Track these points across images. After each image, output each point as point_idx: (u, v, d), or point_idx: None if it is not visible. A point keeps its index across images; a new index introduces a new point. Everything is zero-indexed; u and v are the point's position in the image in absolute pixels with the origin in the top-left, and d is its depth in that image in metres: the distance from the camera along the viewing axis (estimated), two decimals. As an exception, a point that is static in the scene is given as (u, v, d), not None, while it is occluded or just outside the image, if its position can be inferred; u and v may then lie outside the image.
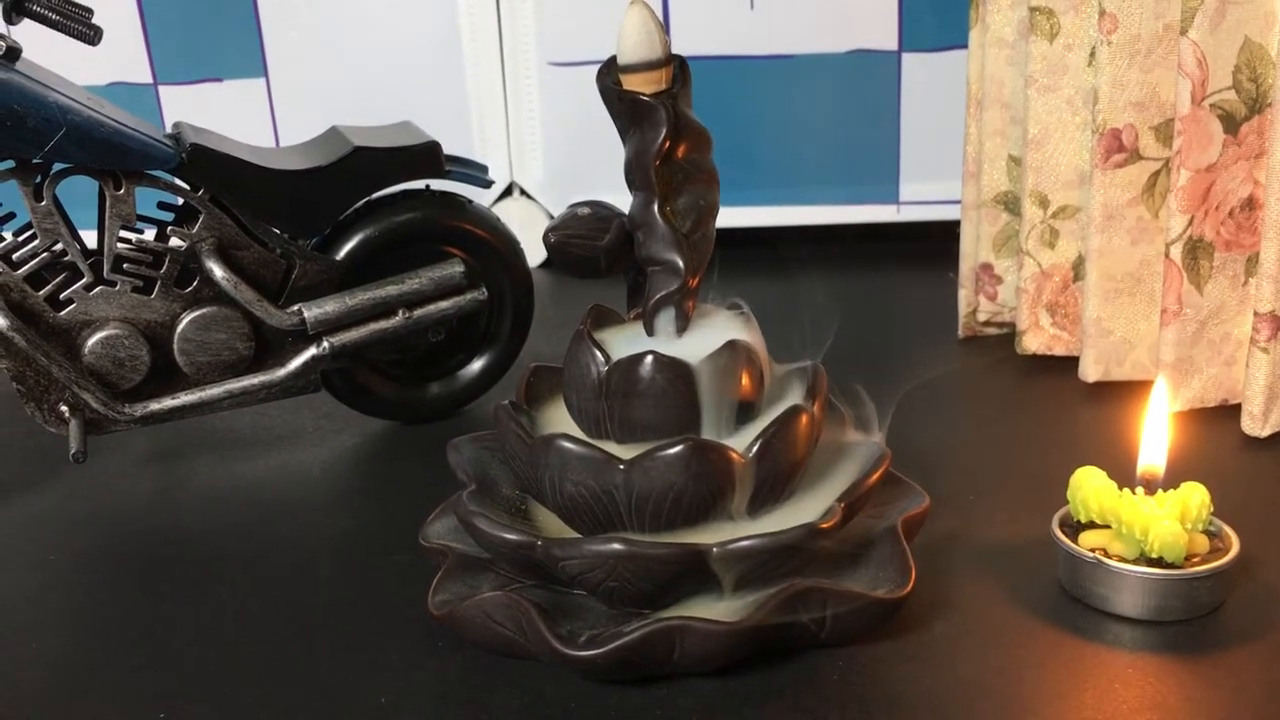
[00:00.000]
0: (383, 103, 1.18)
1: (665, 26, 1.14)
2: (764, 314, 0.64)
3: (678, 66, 0.61)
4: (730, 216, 1.18)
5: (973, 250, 0.94)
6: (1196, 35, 0.73)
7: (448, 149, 0.82)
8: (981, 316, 0.96)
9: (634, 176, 0.61)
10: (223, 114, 1.19)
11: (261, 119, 1.20)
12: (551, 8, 1.14)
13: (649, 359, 0.57)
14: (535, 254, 1.20)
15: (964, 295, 0.96)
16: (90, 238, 0.75)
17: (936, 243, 1.11)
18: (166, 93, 1.19)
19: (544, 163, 1.20)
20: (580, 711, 0.55)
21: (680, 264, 0.60)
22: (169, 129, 1.16)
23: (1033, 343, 0.90)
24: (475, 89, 1.17)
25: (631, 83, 0.60)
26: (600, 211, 0.63)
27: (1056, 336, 0.90)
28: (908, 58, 1.13)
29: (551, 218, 1.19)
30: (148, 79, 1.18)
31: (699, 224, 0.61)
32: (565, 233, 0.62)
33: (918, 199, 1.17)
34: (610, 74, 0.61)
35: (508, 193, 1.21)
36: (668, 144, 0.60)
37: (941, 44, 1.11)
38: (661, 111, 0.59)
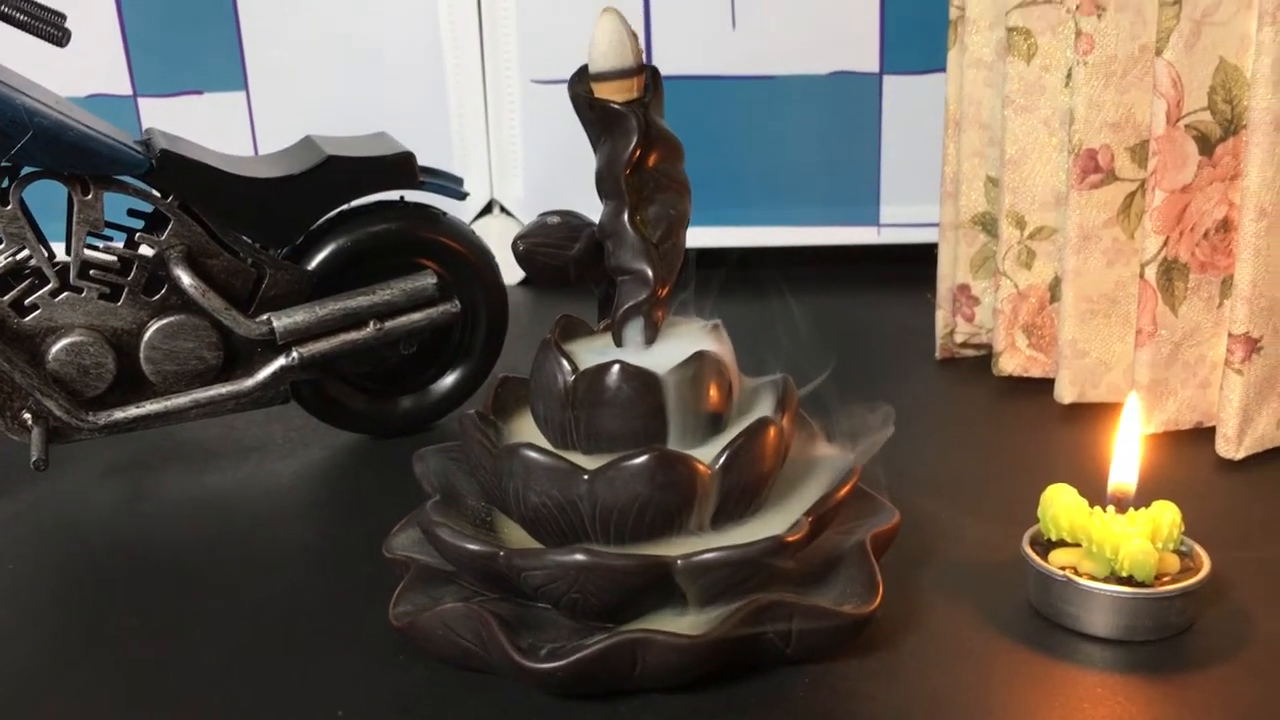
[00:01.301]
0: (364, 119, 1.17)
1: (647, 46, 1.15)
2: (744, 334, 0.64)
3: (650, 75, 0.60)
4: (711, 236, 1.18)
5: (950, 271, 0.94)
6: (1172, 56, 0.73)
7: (429, 164, 0.81)
8: (959, 338, 0.95)
9: (604, 185, 0.60)
10: (203, 126, 1.18)
11: (241, 132, 1.19)
12: (533, 27, 1.14)
13: (616, 368, 0.57)
14: (514, 269, 1.19)
15: (941, 316, 0.95)
16: (60, 239, 0.74)
17: (916, 265, 1.10)
18: (146, 105, 1.18)
19: (524, 180, 1.19)
20: (540, 726, 0.54)
21: (649, 273, 0.60)
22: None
23: (1009, 364, 0.90)
24: (457, 106, 1.17)
25: (603, 91, 0.59)
26: (570, 221, 0.63)
27: (1033, 358, 0.89)
28: (889, 80, 1.13)
29: (530, 235, 1.19)
30: (128, 91, 1.18)
31: (669, 233, 0.61)
32: (534, 241, 0.62)
33: (898, 221, 1.17)
34: (582, 82, 0.60)
35: (488, 209, 1.20)
36: (639, 152, 0.59)
37: (922, 67, 1.11)
38: (632, 120, 0.59)
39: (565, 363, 0.58)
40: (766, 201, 1.18)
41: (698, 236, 1.17)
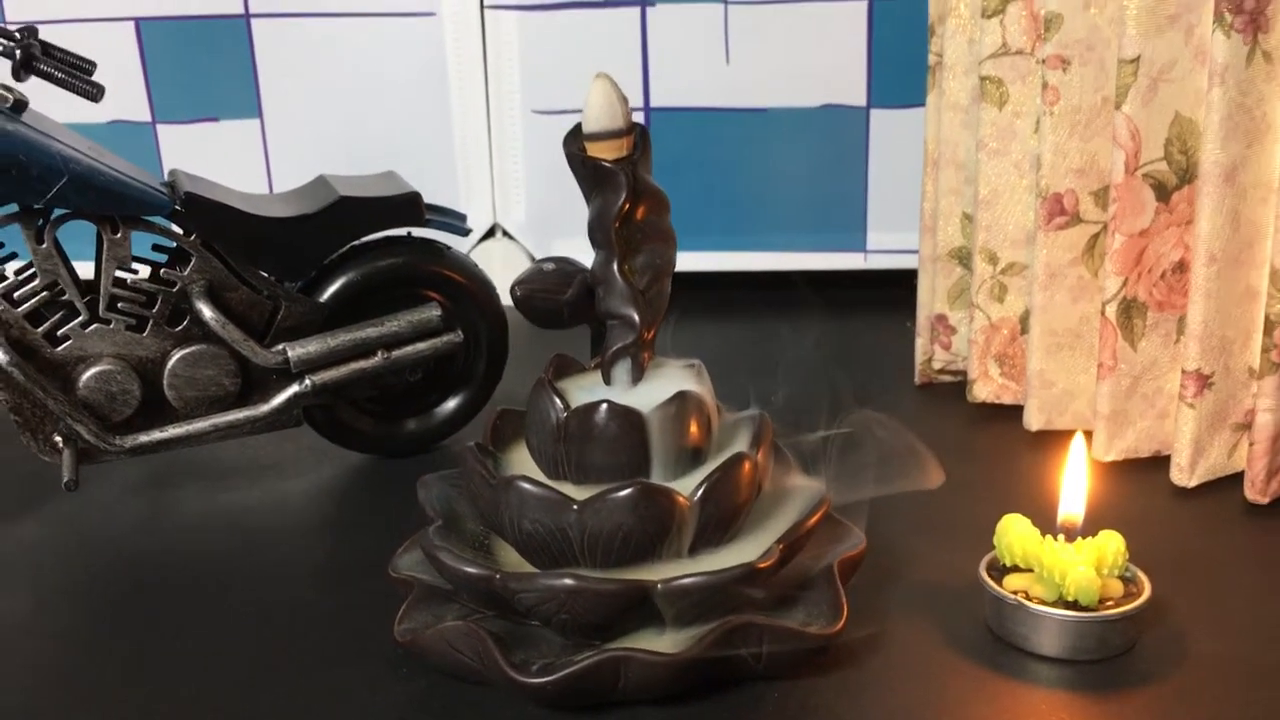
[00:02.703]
0: (373, 146, 1.23)
1: (645, 79, 1.20)
2: (732, 353, 0.68)
3: (638, 135, 0.65)
4: (705, 260, 1.24)
5: (929, 301, 0.99)
6: (1130, 110, 0.78)
7: (434, 191, 0.86)
8: (936, 365, 1.00)
9: (596, 236, 0.66)
10: (218, 152, 1.23)
11: (255, 158, 1.24)
12: (534, 60, 1.19)
13: (604, 407, 0.62)
14: (516, 293, 1.24)
15: (920, 344, 1.00)
16: (86, 267, 0.79)
17: (901, 290, 1.15)
18: (164, 131, 1.23)
19: (526, 205, 1.24)
20: (532, 735, 0.59)
21: (636, 318, 0.65)
22: (166, 171, 1.21)
23: (982, 391, 0.95)
24: (461, 134, 1.22)
25: (595, 149, 0.64)
26: (564, 267, 0.68)
27: (1004, 386, 0.94)
28: (876, 113, 1.18)
29: (532, 258, 1.25)
30: (147, 118, 1.23)
31: (655, 281, 0.66)
32: (530, 286, 0.67)
33: (884, 248, 1.22)
34: (575, 140, 0.65)
35: (490, 234, 1.26)
36: (627, 206, 0.64)
37: (907, 101, 1.16)
38: (622, 177, 0.64)
39: (558, 400, 0.63)
40: (759, 227, 1.23)
41: (691, 260, 1.23)
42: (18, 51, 0.72)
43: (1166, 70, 0.77)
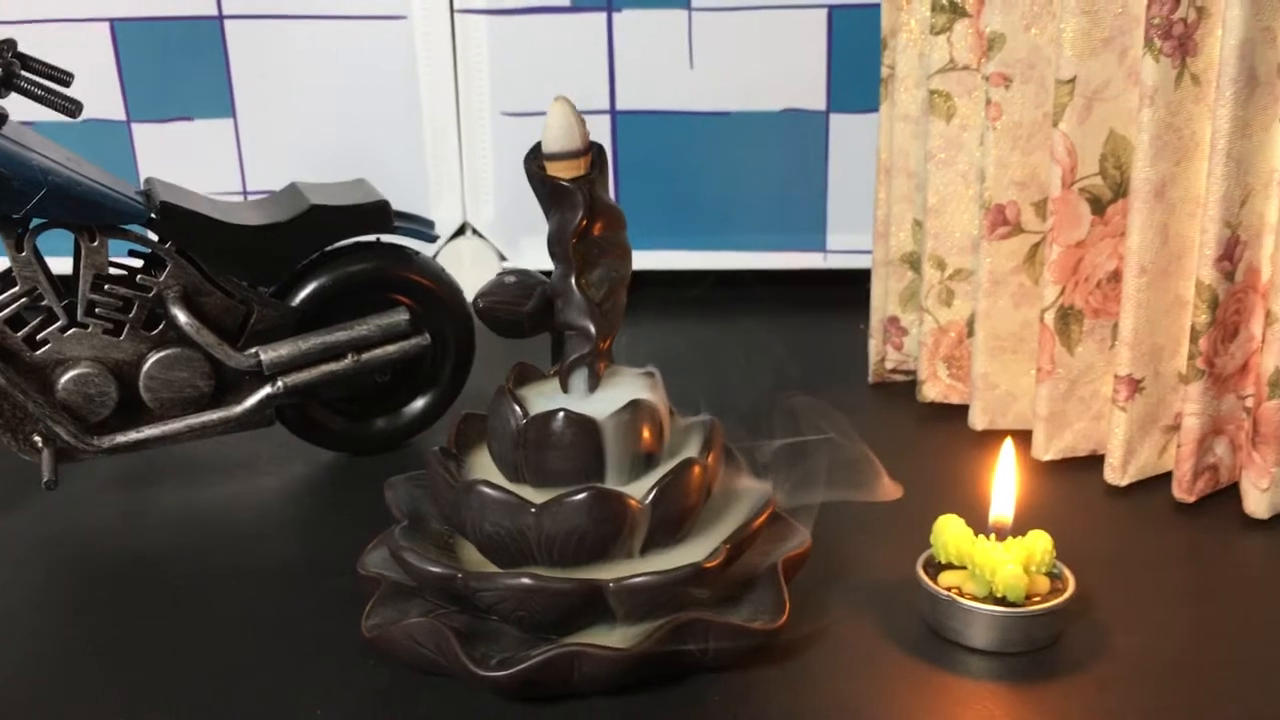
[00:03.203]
0: (344, 146, 1.25)
1: (611, 82, 1.23)
2: (693, 349, 0.71)
3: (596, 154, 0.69)
4: (668, 259, 1.27)
5: (881, 304, 1.03)
6: (1066, 128, 0.82)
7: (405, 190, 0.89)
8: (889, 365, 1.04)
9: (555, 250, 0.69)
10: (192, 151, 1.26)
11: (229, 157, 1.27)
12: (504, 62, 1.22)
13: (560, 415, 0.65)
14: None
15: (874, 345, 1.04)
16: (64, 263, 0.82)
17: (859, 289, 1.19)
18: (139, 130, 1.26)
19: (495, 204, 1.27)
20: (491, 725, 0.63)
21: (592, 330, 0.68)
22: (141, 170, 1.23)
23: (931, 391, 0.99)
24: (432, 135, 1.25)
25: (554, 169, 0.68)
26: (525, 280, 0.71)
27: (952, 386, 0.98)
28: (835, 118, 1.22)
29: (501, 256, 1.28)
30: (122, 116, 1.25)
31: (610, 294, 0.70)
32: (492, 299, 0.70)
33: (843, 248, 1.26)
34: (535, 159, 0.68)
35: (460, 232, 1.28)
36: (584, 223, 0.68)
37: (866, 107, 1.19)
38: (579, 195, 0.67)
39: (517, 408, 0.67)
40: (722, 228, 1.27)
41: (657, 259, 1.26)
42: (-1, 70, 0.74)
43: (1101, 90, 0.81)
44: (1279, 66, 0.75)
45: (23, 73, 0.76)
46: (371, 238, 0.90)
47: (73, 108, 0.75)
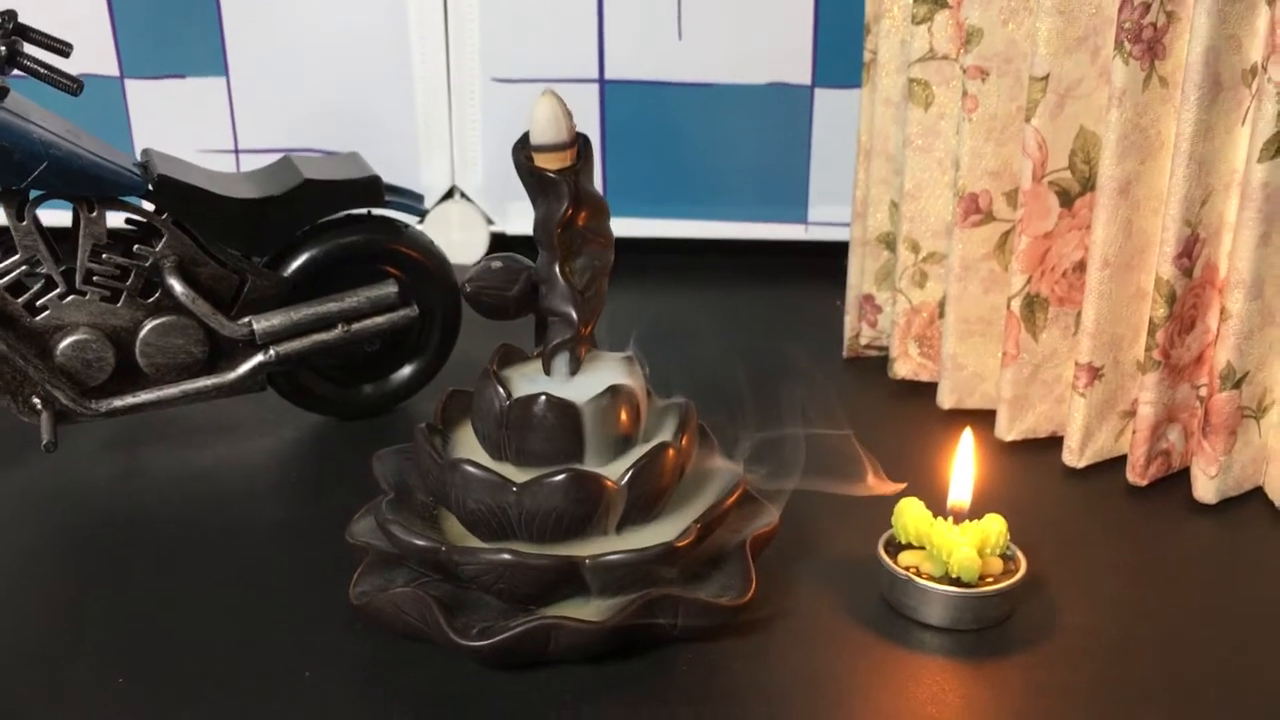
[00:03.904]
0: (335, 108, 1.27)
1: (600, 52, 1.25)
2: (677, 316, 0.74)
3: (582, 145, 0.71)
4: (653, 228, 1.30)
5: (858, 282, 1.06)
6: (1038, 123, 0.84)
7: (395, 154, 0.90)
8: (863, 340, 1.07)
9: (541, 238, 0.72)
10: (185, 108, 1.27)
11: (221, 115, 1.28)
12: (494, 29, 1.24)
13: (542, 399, 0.68)
14: (472, 253, 1.30)
15: (849, 321, 1.08)
16: (62, 215, 0.84)
17: (839, 260, 1.22)
18: (132, 86, 1.27)
19: (484, 169, 1.30)
20: (474, 691, 0.67)
21: (574, 316, 0.71)
22: (135, 129, 1.25)
23: (902, 369, 1.02)
24: (423, 100, 1.27)
25: (541, 160, 0.70)
26: (511, 265, 0.74)
27: (923, 365, 1.02)
28: (820, 92, 1.24)
29: (489, 220, 1.30)
30: (115, 72, 1.27)
31: (593, 281, 0.72)
32: (479, 284, 0.73)
33: (824, 220, 1.29)
34: (523, 150, 0.71)
35: (449, 195, 1.31)
36: (570, 213, 0.70)
37: (850, 82, 1.22)
38: (564, 186, 0.70)
39: (501, 390, 0.70)
40: (706, 198, 1.29)
41: (642, 227, 1.29)
42: (1, 48, 0.76)
43: (1074, 87, 0.84)
44: (1243, 73, 0.78)
45: (25, 49, 0.77)
46: (362, 211, 0.92)
47: (74, 87, 0.77)
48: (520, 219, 1.28)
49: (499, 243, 1.31)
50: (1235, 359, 0.80)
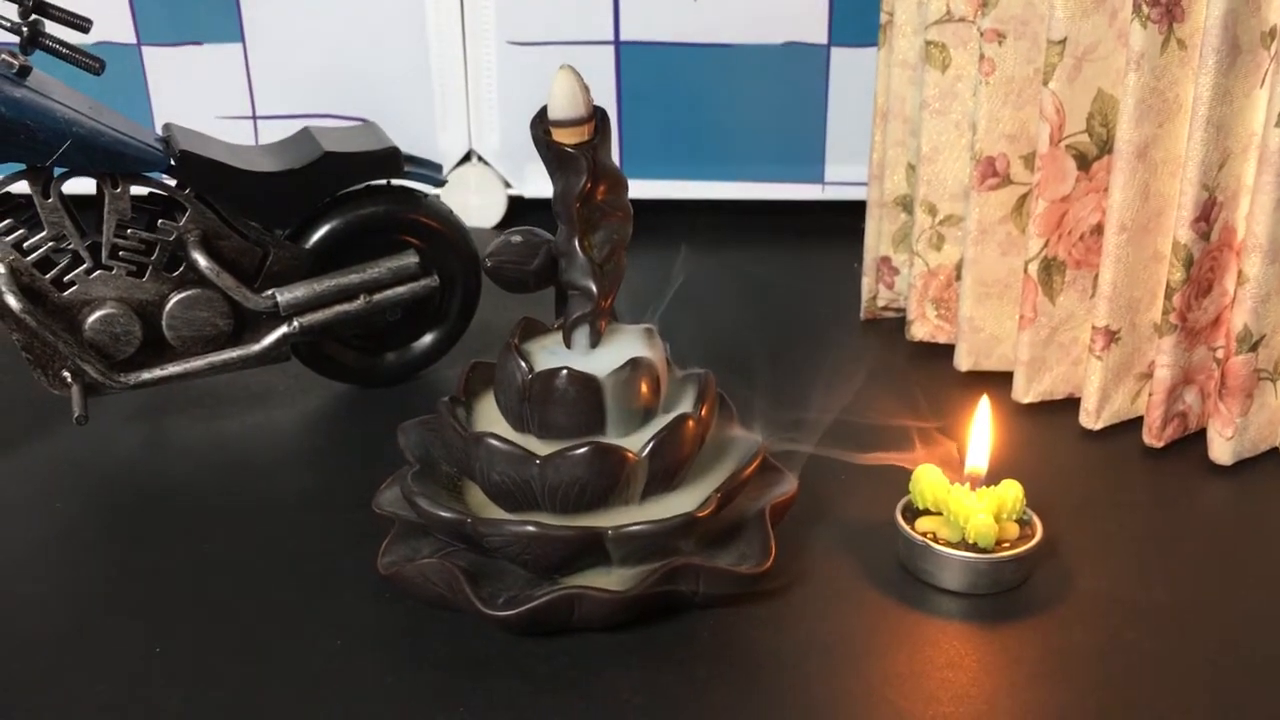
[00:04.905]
0: (352, 75, 1.27)
1: (616, 14, 1.24)
2: (695, 278, 0.78)
3: (599, 120, 0.72)
4: (670, 189, 1.30)
5: (875, 244, 1.06)
6: (1056, 87, 0.84)
7: (412, 117, 0.90)
8: (881, 302, 1.08)
9: (559, 212, 0.72)
10: (202, 75, 1.28)
11: (238, 82, 1.29)
12: (510, -8, 1.23)
13: (564, 373, 0.69)
14: (490, 216, 1.31)
15: (867, 283, 1.08)
16: (86, 185, 0.84)
17: (856, 219, 1.22)
18: (150, 53, 1.28)
19: (500, 132, 1.30)
20: (499, 658, 0.68)
21: (594, 289, 0.72)
22: (153, 99, 1.25)
23: (919, 331, 1.03)
24: (439, 64, 1.27)
25: (559, 135, 0.71)
26: (530, 239, 0.75)
27: (940, 327, 1.02)
28: (836, 51, 1.24)
29: (506, 183, 1.31)
30: (132, 40, 1.27)
31: (611, 254, 0.73)
32: (500, 258, 0.74)
33: (841, 180, 1.29)
34: (541, 124, 0.71)
35: (466, 159, 1.31)
36: (588, 187, 0.71)
37: (867, 41, 1.21)
38: (583, 161, 0.70)
39: (523, 364, 0.71)
40: (723, 158, 1.29)
41: (659, 189, 1.29)
42: (24, 28, 0.77)
43: (1091, 51, 0.84)
44: (1262, 36, 0.77)
45: (47, 30, 0.78)
46: (382, 181, 0.93)
47: (96, 66, 0.78)
48: (537, 181, 1.28)
49: (516, 206, 1.31)
50: (1252, 322, 0.81)
